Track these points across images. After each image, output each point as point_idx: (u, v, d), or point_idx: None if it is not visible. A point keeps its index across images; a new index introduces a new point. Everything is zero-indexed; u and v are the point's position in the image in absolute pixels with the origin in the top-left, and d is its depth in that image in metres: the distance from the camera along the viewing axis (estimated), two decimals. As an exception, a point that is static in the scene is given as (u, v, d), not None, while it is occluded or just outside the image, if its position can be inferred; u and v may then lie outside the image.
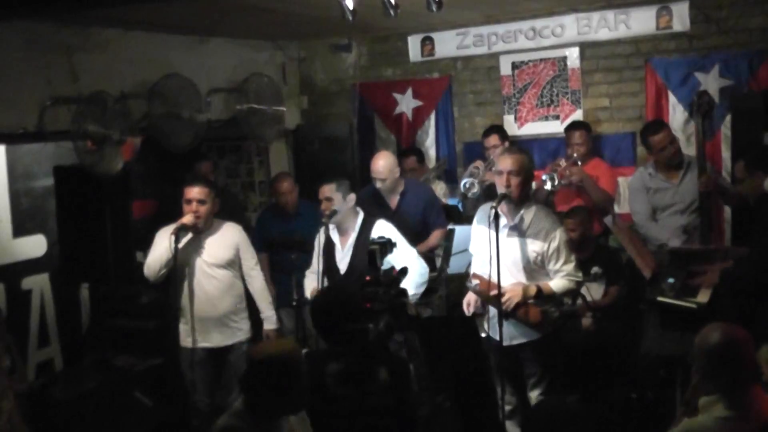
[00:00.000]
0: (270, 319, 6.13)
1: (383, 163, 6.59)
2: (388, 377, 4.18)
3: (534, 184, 6.15)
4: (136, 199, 7.06)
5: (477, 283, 5.08)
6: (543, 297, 4.99)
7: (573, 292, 5.25)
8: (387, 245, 4.84)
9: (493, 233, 4.87)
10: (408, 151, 8.32)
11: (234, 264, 5.98)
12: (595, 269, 6.18)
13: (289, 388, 3.56)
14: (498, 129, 7.65)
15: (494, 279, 4.89)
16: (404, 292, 4.60)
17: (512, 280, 5.06)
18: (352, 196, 5.80)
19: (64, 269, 6.57)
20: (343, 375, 4.15)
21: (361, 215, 5.80)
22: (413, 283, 5.57)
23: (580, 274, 5.15)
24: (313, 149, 8.68)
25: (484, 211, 5.25)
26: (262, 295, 6.16)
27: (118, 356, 6.06)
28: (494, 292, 4.95)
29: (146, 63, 6.92)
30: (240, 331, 5.99)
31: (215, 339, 5.91)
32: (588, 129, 7.34)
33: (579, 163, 6.96)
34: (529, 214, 5.04)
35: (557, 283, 5.04)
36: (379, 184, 6.57)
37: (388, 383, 4.16)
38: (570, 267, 5.05)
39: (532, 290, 4.96)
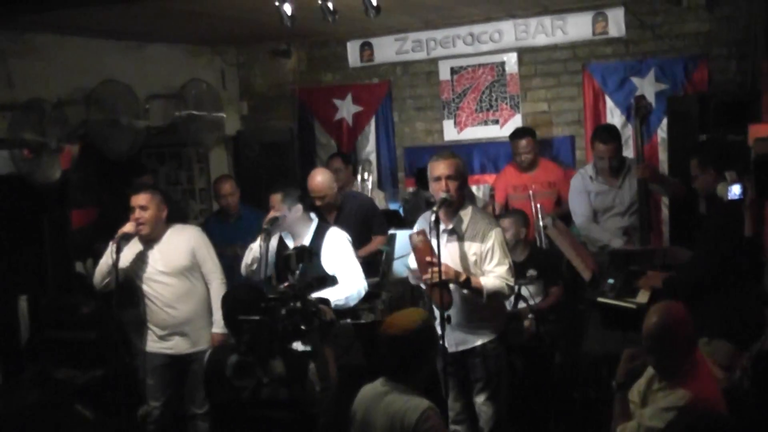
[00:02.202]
0: (218, 323, 5.98)
1: (321, 180, 6.53)
2: (283, 371, 4.35)
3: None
4: (74, 208, 6.95)
5: (420, 239, 5.02)
6: (470, 287, 4.93)
7: (505, 296, 5.19)
8: (304, 253, 4.89)
9: (434, 239, 4.83)
10: (335, 153, 8.33)
11: (192, 269, 5.83)
12: (530, 272, 6.22)
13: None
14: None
15: (445, 269, 4.84)
16: (324, 299, 4.72)
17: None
18: (298, 207, 5.72)
19: (1, 280, 6.43)
20: (239, 366, 4.38)
21: (315, 222, 5.75)
22: (345, 296, 5.51)
23: (513, 280, 5.03)
24: (254, 155, 8.62)
25: (424, 218, 5.23)
26: (217, 298, 6.01)
27: (59, 368, 5.95)
28: (430, 258, 4.82)
29: (83, 69, 6.83)
30: (202, 339, 5.88)
31: (176, 345, 5.81)
32: (534, 135, 7.40)
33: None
34: (466, 216, 5.03)
35: (488, 280, 4.93)
36: (318, 203, 6.50)
37: (283, 377, 4.35)
38: (502, 269, 4.95)
39: (462, 276, 4.90)
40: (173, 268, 5.74)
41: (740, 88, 7.06)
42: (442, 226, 4.95)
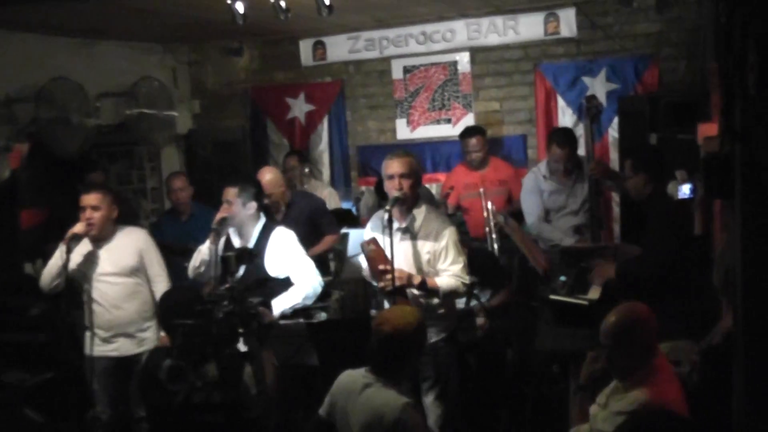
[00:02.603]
0: None
1: (269, 178, 6.51)
2: (216, 375, 4.35)
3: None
4: (24, 208, 6.83)
5: (373, 248, 5.04)
6: (426, 289, 4.95)
7: (459, 294, 5.21)
8: (244, 254, 4.87)
9: (387, 238, 4.85)
10: (290, 151, 8.31)
11: (138, 271, 5.78)
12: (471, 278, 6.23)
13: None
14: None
15: (400, 275, 4.85)
16: (265, 302, 4.75)
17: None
18: (253, 204, 5.65)
19: (-51, 281, 6.31)
20: (172, 370, 4.40)
21: (261, 222, 5.69)
22: (302, 296, 5.48)
23: (468, 278, 5.06)
24: (206, 154, 8.57)
25: (378, 217, 5.24)
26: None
27: (7, 371, 5.84)
28: (384, 266, 4.87)
29: (33, 66, 6.73)
30: (147, 340, 5.82)
31: (122, 347, 5.75)
32: (484, 134, 7.44)
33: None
34: (419, 215, 5.03)
35: (443, 280, 4.95)
36: (265, 201, 6.47)
37: (216, 381, 4.35)
38: (457, 267, 4.97)
39: (417, 279, 4.90)
40: (121, 268, 5.68)
41: (690, 89, 7.15)
42: (396, 225, 4.97)
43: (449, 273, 4.95)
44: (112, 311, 5.66)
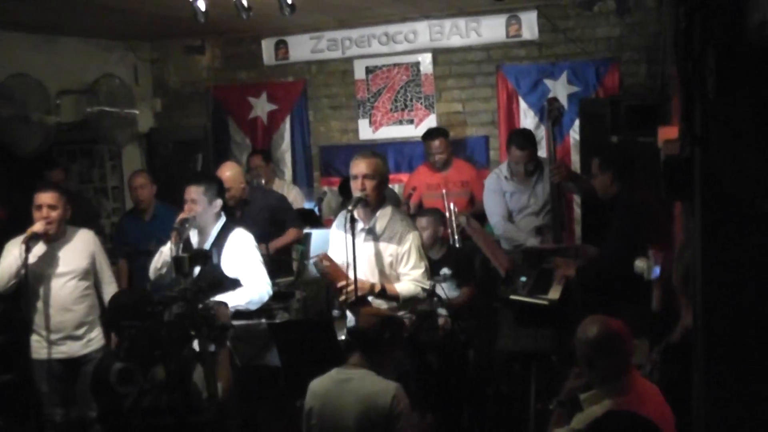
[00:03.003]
0: None
1: (229, 174, 6.49)
2: (164, 378, 4.33)
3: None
4: (-18, 206, 6.75)
5: (326, 264, 5.05)
6: (386, 296, 4.96)
7: (418, 300, 5.16)
8: (199, 256, 4.84)
9: (350, 237, 4.85)
10: (255, 150, 8.30)
11: (89, 273, 5.77)
12: (444, 270, 6.25)
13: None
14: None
15: (351, 283, 4.86)
16: (222, 302, 4.76)
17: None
18: (219, 202, 5.62)
19: None
20: (122, 373, 4.36)
21: (221, 221, 5.66)
22: (246, 300, 5.46)
23: (428, 283, 5.02)
24: (168, 153, 8.50)
25: (343, 215, 5.24)
26: None
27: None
28: (342, 282, 4.88)
29: (-9, 61, 6.66)
30: (93, 341, 5.80)
31: (70, 349, 5.70)
32: (446, 135, 7.45)
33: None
34: (384, 217, 5.03)
35: (403, 286, 4.96)
36: (226, 195, 6.46)
37: (164, 384, 4.33)
38: (418, 273, 4.97)
39: (377, 287, 4.90)
40: (74, 269, 5.66)
41: (650, 92, 7.24)
42: (360, 225, 4.98)
43: (410, 278, 4.95)
44: (62, 313, 5.62)
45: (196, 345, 4.50)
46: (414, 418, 4.06)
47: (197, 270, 4.90)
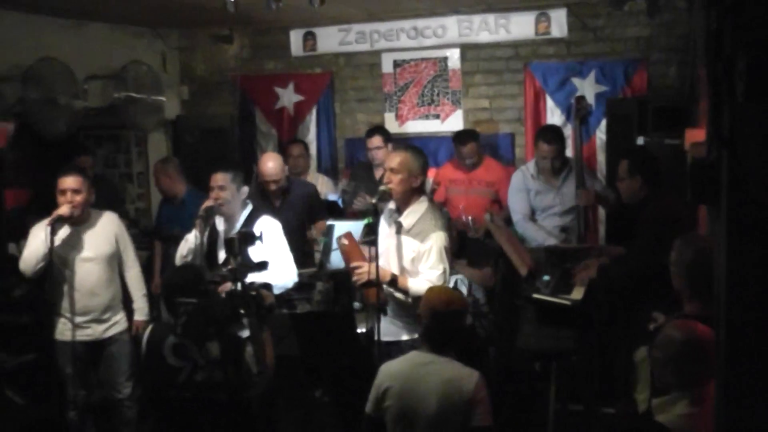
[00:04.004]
0: (142, 311, 5.97)
1: (273, 165, 6.55)
2: (218, 354, 4.45)
3: None
4: (8, 188, 6.79)
5: (345, 243, 5.07)
6: (397, 287, 4.95)
7: None
8: (248, 237, 4.86)
9: (386, 228, 4.97)
10: (295, 139, 8.34)
11: (114, 256, 5.81)
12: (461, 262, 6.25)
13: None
14: (381, 130, 7.62)
15: (365, 266, 4.86)
16: (266, 285, 4.79)
17: None
18: (245, 189, 5.67)
19: (-69, 259, 6.26)
20: (176, 347, 4.60)
21: (248, 208, 5.70)
22: (274, 285, 5.48)
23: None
24: (193, 140, 8.51)
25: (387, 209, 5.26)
26: (137, 286, 6.00)
27: (-12, 353, 5.83)
28: (355, 263, 4.94)
29: (21, 45, 6.69)
30: (118, 323, 5.84)
31: (94, 332, 5.74)
32: (477, 138, 7.37)
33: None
34: (415, 213, 4.99)
35: (416, 282, 4.90)
36: (273, 187, 6.52)
37: (218, 359, 4.46)
38: (434, 274, 4.88)
39: (387, 275, 4.91)
40: (99, 254, 5.71)
41: (678, 94, 7.19)
42: (396, 218, 4.99)
43: (425, 277, 4.89)
44: (88, 297, 5.68)
45: (245, 323, 4.61)
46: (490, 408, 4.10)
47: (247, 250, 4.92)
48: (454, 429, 3.94)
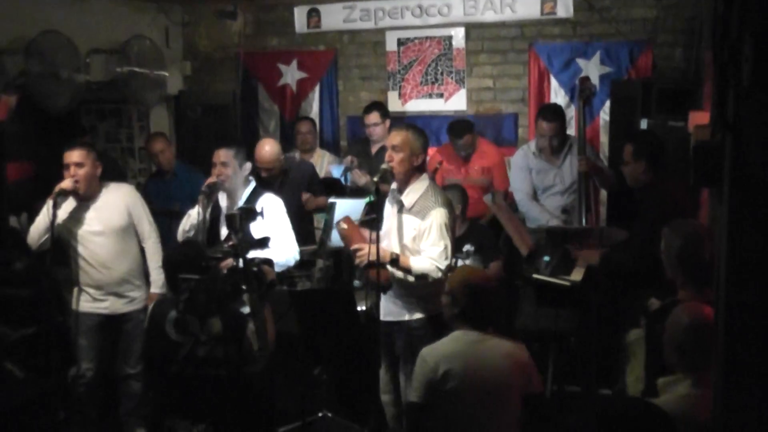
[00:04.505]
0: (156, 283, 5.91)
1: (269, 150, 6.54)
2: (220, 330, 4.49)
3: None
4: (10, 161, 6.79)
5: (344, 227, 5.09)
6: (399, 266, 4.95)
7: (431, 277, 4.89)
8: (249, 213, 4.86)
9: (389, 208, 5.04)
10: (303, 116, 8.36)
11: (128, 228, 5.77)
12: (467, 247, 6.24)
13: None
14: (378, 106, 7.59)
15: (365, 248, 4.85)
16: (268, 261, 4.78)
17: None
18: (248, 165, 5.69)
19: (-68, 232, 6.27)
20: (178, 323, 4.61)
21: (251, 185, 5.70)
22: (275, 261, 5.49)
23: (444, 263, 4.89)
24: (196, 116, 8.50)
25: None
26: (154, 258, 5.92)
27: (-11, 326, 5.84)
28: (356, 246, 4.95)
29: (23, 18, 6.66)
30: (136, 299, 5.82)
31: (112, 305, 5.74)
32: (472, 129, 7.24)
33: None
34: (416, 191, 4.98)
35: (417, 260, 4.89)
36: (264, 174, 6.50)
37: (220, 335, 4.49)
38: (435, 251, 4.86)
39: (388, 255, 4.89)
40: (109, 227, 5.68)
41: (683, 76, 7.17)
42: (398, 197, 5.01)
43: (426, 255, 4.88)
44: (102, 271, 5.67)
45: (245, 300, 4.64)
46: None
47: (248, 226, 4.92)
48: (517, 399, 4.04)
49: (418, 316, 5.03)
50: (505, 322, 6.12)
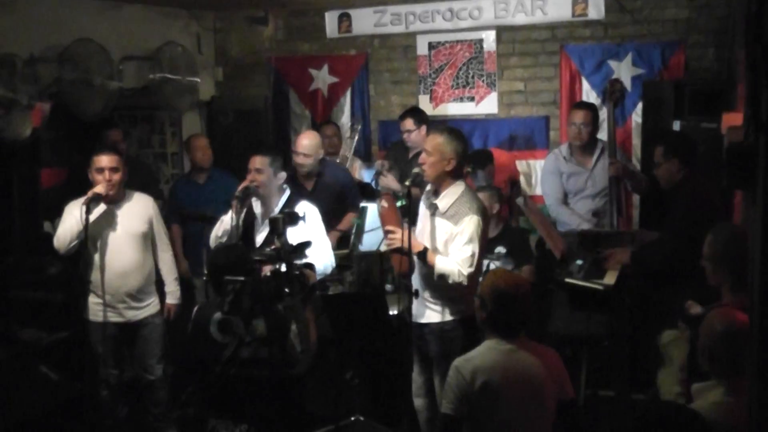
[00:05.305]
0: (173, 294, 6.03)
1: (308, 142, 6.55)
2: (264, 332, 4.49)
3: None
4: (45, 167, 6.86)
5: (384, 206, 5.18)
6: (425, 260, 4.93)
7: (451, 280, 4.85)
8: (292, 216, 4.89)
9: (423, 209, 5.06)
10: (328, 120, 8.36)
11: (147, 237, 5.85)
12: (499, 248, 6.21)
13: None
14: (413, 112, 7.47)
15: (398, 231, 4.93)
16: (309, 265, 4.87)
17: None
18: (283, 175, 5.70)
19: (-31, 239, 6.34)
20: (222, 324, 4.69)
21: (287, 193, 5.72)
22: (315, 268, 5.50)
23: (468, 270, 4.83)
24: (228, 122, 8.53)
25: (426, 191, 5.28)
26: (170, 269, 6.05)
27: (24, 329, 5.89)
28: (390, 227, 5.01)
29: (57, 26, 6.74)
30: (149, 306, 5.88)
31: (127, 313, 5.79)
32: (493, 160, 7.09)
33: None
34: (451, 196, 4.97)
35: (442, 261, 4.87)
36: (301, 159, 6.51)
37: (264, 337, 4.50)
38: (461, 256, 4.84)
39: (419, 246, 4.91)
40: (133, 235, 5.75)
41: (716, 77, 7.10)
42: (432, 199, 5.03)
43: (454, 258, 4.87)
44: (121, 278, 5.72)
45: (288, 302, 4.63)
46: None
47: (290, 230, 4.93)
48: (552, 407, 4.02)
49: (449, 318, 5.03)
50: (537, 326, 6.09)
